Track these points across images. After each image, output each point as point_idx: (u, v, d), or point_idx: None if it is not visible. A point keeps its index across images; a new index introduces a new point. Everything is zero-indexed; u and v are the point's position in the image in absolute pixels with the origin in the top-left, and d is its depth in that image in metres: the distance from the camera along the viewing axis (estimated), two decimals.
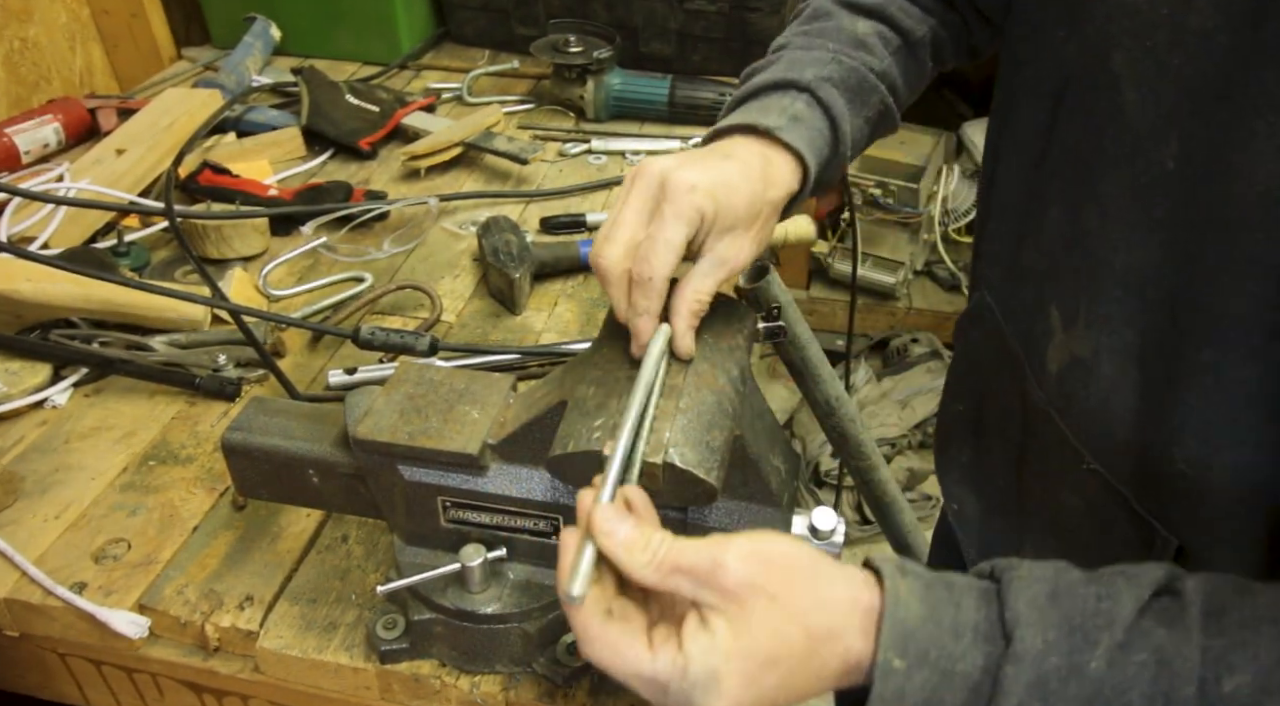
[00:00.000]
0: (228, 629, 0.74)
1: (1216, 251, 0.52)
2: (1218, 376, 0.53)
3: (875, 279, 2.59)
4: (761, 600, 0.46)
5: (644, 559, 0.47)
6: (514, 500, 0.64)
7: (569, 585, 0.46)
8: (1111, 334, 0.59)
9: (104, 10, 1.65)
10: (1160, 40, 0.54)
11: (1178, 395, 0.55)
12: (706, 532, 0.61)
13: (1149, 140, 0.55)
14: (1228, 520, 0.55)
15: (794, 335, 0.99)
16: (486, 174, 1.38)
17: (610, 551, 0.47)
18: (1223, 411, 0.53)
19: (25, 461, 0.89)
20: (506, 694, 0.70)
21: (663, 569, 0.47)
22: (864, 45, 0.77)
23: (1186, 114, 0.53)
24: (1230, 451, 0.54)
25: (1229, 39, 0.50)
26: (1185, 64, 0.53)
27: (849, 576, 0.49)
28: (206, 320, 1.03)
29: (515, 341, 1.05)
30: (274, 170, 1.35)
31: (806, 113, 0.73)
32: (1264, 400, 0.52)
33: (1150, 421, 0.58)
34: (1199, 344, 0.53)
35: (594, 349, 0.64)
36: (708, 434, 0.56)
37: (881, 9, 0.79)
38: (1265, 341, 0.51)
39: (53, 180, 1.25)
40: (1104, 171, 0.59)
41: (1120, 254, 0.58)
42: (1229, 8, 0.50)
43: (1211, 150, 0.51)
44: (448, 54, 1.76)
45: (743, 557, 0.47)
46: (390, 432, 0.64)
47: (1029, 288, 0.69)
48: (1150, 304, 0.56)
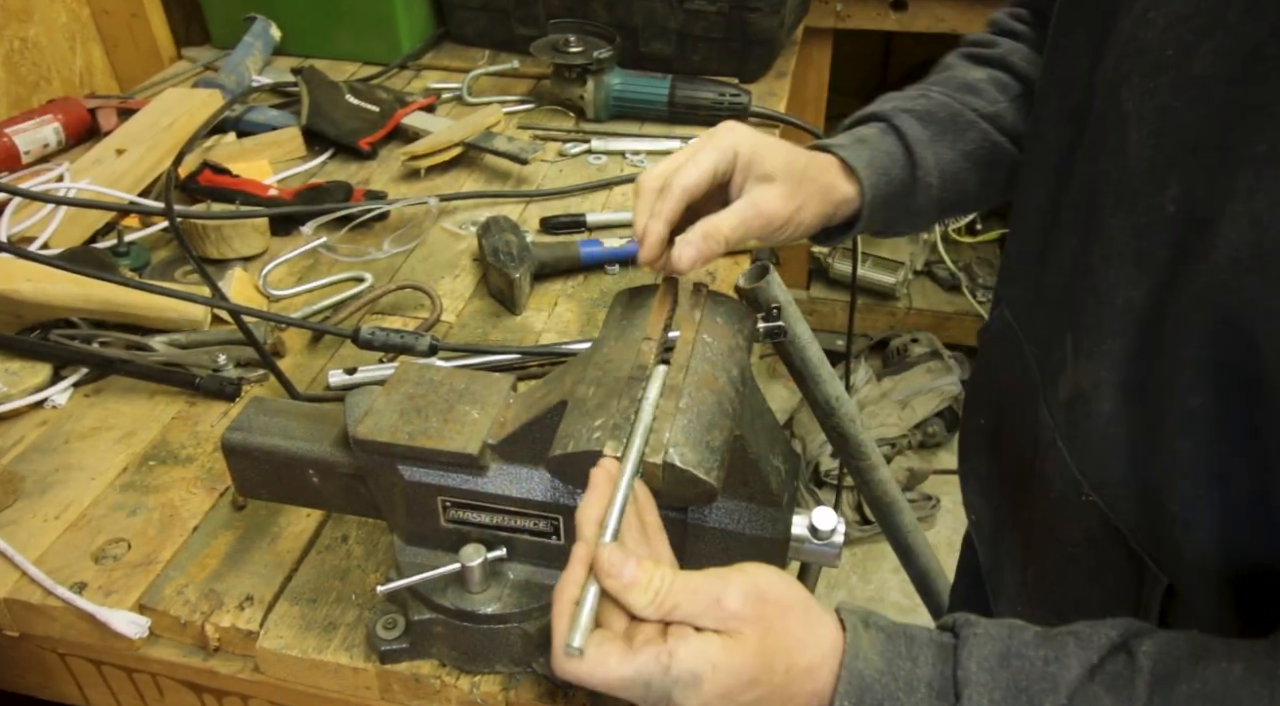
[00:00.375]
0: (228, 629, 0.74)
1: (1198, 302, 0.52)
2: (1205, 423, 0.52)
3: (875, 279, 2.59)
4: (757, 628, 0.48)
5: (645, 600, 0.48)
6: (514, 500, 0.64)
7: (570, 636, 0.47)
8: (1110, 369, 0.59)
9: (104, 10, 1.65)
10: (1164, 83, 0.54)
11: (1168, 439, 0.55)
12: (706, 533, 0.61)
13: (1150, 181, 0.55)
14: (1214, 564, 0.55)
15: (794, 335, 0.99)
16: (486, 174, 1.38)
17: (614, 592, 0.49)
18: (1211, 457, 0.53)
19: (25, 461, 0.89)
20: (506, 694, 0.70)
21: (663, 608, 0.48)
22: (973, 89, 0.79)
23: (1186, 159, 0.53)
24: (1218, 496, 0.53)
25: (1226, 90, 0.50)
26: (1186, 109, 0.53)
27: (834, 621, 0.52)
28: (206, 320, 1.03)
29: (515, 341, 1.05)
30: (274, 170, 1.35)
31: (875, 136, 0.74)
32: (1249, 449, 0.51)
33: (1143, 462, 0.57)
34: (1188, 390, 0.53)
35: (594, 349, 0.64)
36: (708, 434, 0.56)
37: (1002, 58, 0.81)
38: (1245, 392, 0.50)
39: (53, 180, 1.25)
40: (1111, 207, 0.59)
41: (1120, 291, 0.57)
42: (1228, 58, 0.50)
43: (1209, 199, 0.51)
44: (448, 54, 1.76)
45: (742, 593, 0.49)
46: (390, 432, 0.64)
47: (1047, 311, 0.69)
48: (1145, 345, 0.56)
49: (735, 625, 0.48)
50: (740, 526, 0.61)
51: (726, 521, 0.62)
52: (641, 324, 0.64)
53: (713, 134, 0.69)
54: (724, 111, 1.46)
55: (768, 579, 0.51)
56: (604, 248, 1.15)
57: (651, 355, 0.60)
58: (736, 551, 0.62)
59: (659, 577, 0.49)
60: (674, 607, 0.48)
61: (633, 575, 0.48)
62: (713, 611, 0.48)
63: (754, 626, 0.48)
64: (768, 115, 1.49)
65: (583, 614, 0.47)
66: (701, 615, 0.48)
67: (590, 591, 0.48)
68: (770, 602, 0.49)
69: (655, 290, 0.67)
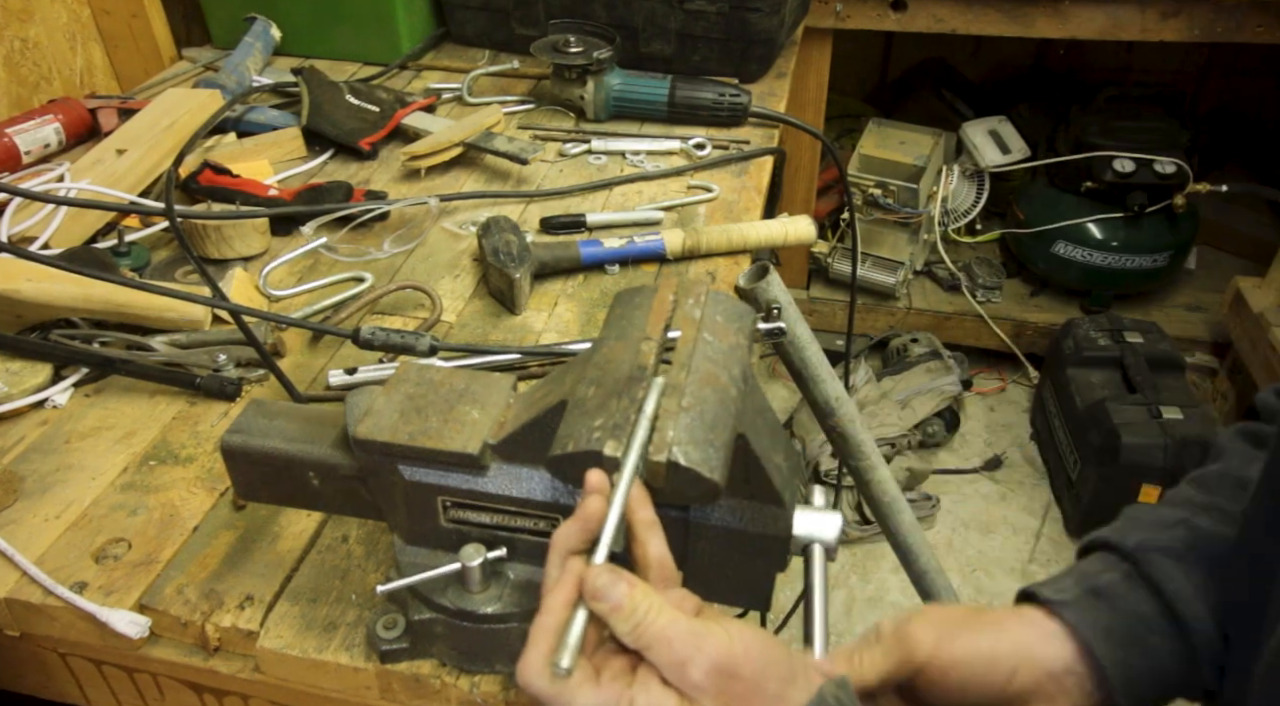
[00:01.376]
0: (228, 628, 0.74)
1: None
2: None
3: (875, 279, 2.59)
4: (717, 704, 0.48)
5: (627, 627, 0.48)
6: (514, 500, 0.64)
7: (559, 656, 0.47)
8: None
9: (104, 10, 1.65)
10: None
11: None
12: (709, 531, 0.61)
13: None
14: None
15: (794, 335, 0.99)
16: (486, 174, 1.38)
17: (600, 614, 0.49)
18: None
19: (26, 461, 0.89)
20: (506, 693, 0.70)
21: (639, 643, 0.48)
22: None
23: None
24: None
25: None
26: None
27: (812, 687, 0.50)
28: (207, 320, 1.03)
29: (515, 341, 1.05)
30: (274, 170, 1.35)
31: (1120, 587, 0.54)
32: None
33: None
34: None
35: (594, 349, 0.64)
36: (711, 432, 0.56)
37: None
38: None
39: (53, 180, 1.25)
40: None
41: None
42: None
43: None
44: (448, 54, 1.76)
45: (712, 664, 0.48)
46: (391, 432, 0.64)
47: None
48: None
49: (696, 695, 0.48)
50: (743, 524, 0.61)
51: (729, 519, 0.62)
52: (641, 323, 0.64)
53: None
54: (724, 111, 1.46)
55: (746, 650, 0.49)
56: (604, 248, 1.15)
57: (652, 355, 0.60)
58: (740, 549, 0.62)
59: (643, 607, 0.48)
60: (647, 648, 0.48)
61: (618, 600, 0.48)
62: (677, 673, 0.48)
63: (714, 702, 0.48)
64: (767, 115, 1.49)
65: (572, 635, 0.48)
66: (667, 669, 0.48)
67: (580, 614, 0.49)
68: (741, 680, 0.48)
69: (654, 290, 0.67)
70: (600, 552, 0.50)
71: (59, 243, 1.14)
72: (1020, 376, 2.71)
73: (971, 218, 2.61)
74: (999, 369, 2.74)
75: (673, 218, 1.28)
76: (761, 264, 0.76)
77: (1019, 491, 2.41)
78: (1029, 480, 2.44)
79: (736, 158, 1.41)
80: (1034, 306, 2.64)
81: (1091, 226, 2.47)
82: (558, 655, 0.47)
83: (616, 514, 0.52)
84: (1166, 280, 2.60)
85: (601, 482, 0.53)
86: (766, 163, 1.43)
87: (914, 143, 2.48)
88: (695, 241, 1.16)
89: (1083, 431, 2.17)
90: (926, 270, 2.72)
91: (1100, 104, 2.47)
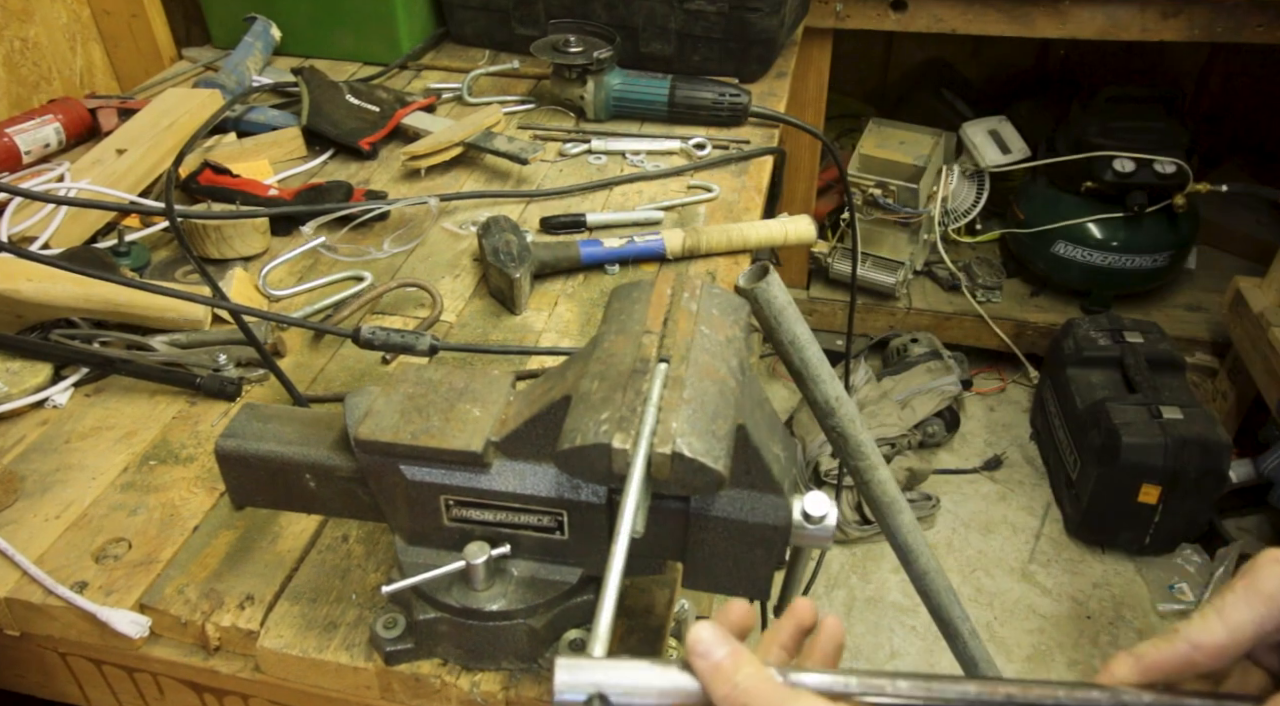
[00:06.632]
0: (228, 628, 0.74)
1: None
2: None
3: (875, 279, 2.59)
4: None
5: (723, 691, 0.46)
6: (518, 496, 0.64)
7: (591, 645, 0.47)
8: None
9: (104, 10, 1.65)
10: None
11: None
12: (710, 522, 0.62)
13: None
14: None
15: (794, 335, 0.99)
16: (486, 174, 1.38)
17: (699, 670, 0.47)
18: None
19: (26, 461, 0.89)
20: (507, 692, 0.69)
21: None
22: None
23: None
24: None
25: None
26: None
27: None
28: (207, 320, 1.03)
29: (515, 341, 1.05)
30: (274, 170, 1.35)
31: None
32: None
33: None
34: None
35: (594, 344, 0.64)
36: (713, 423, 0.56)
37: None
38: None
39: (53, 180, 1.25)
40: None
41: None
42: None
43: None
44: (448, 54, 1.76)
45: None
46: (392, 433, 0.63)
47: None
48: None
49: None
50: (743, 514, 0.62)
51: (730, 510, 0.62)
52: (641, 317, 0.64)
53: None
54: (724, 111, 1.46)
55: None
56: (604, 248, 1.15)
57: (653, 348, 0.60)
58: (740, 539, 0.62)
59: (743, 675, 0.47)
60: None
61: (718, 661, 0.47)
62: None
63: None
64: (767, 115, 1.49)
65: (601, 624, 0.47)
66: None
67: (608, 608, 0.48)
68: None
69: (652, 285, 0.67)
70: (621, 539, 0.50)
71: (59, 242, 1.14)
72: (1020, 376, 2.71)
73: (971, 218, 2.61)
74: (999, 369, 2.74)
75: (673, 217, 1.28)
76: (761, 264, 0.76)
77: (1019, 491, 2.41)
78: (1029, 480, 2.44)
79: (736, 157, 1.41)
80: (1034, 306, 2.64)
81: (1091, 226, 2.47)
82: (591, 644, 0.47)
83: (634, 499, 0.52)
84: (1166, 280, 2.60)
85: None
86: (766, 162, 1.43)
87: (914, 143, 2.48)
88: (695, 241, 1.16)
89: (1083, 431, 2.18)
90: (926, 270, 2.72)
91: (1100, 104, 2.48)
